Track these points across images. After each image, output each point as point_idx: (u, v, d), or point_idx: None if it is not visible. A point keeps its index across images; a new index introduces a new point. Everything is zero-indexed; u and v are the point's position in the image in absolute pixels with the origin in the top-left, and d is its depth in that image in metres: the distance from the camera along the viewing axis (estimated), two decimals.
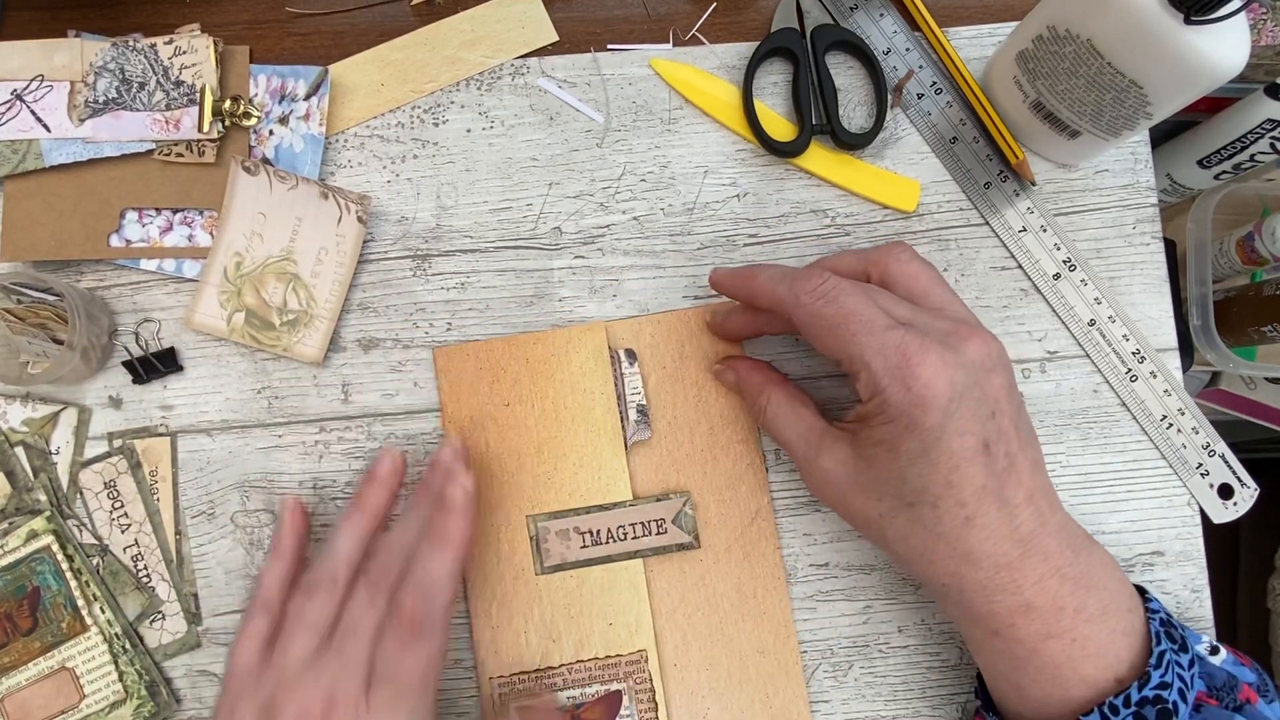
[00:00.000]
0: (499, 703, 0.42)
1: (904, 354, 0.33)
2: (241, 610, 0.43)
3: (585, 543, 0.43)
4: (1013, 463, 0.34)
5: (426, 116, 0.46)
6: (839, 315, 0.34)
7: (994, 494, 0.33)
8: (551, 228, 0.46)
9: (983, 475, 0.33)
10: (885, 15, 0.47)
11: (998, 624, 0.34)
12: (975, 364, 0.33)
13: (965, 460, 0.33)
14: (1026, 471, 0.34)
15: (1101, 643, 0.34)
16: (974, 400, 0.33)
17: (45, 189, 0.44)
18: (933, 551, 0.35)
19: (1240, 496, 0.45)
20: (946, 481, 0.33)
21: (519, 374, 0.44)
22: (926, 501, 0.34)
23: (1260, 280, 0.57)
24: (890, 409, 0.33)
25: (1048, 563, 0.34)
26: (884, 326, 0.34)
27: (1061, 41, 0.40)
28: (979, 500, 0.33)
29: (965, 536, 0.34)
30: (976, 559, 0.34)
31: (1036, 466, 0.35)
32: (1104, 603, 0.35)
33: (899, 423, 0.33)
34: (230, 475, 0.44)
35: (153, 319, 0.45)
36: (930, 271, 0.38)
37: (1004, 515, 0.34)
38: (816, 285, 0.35)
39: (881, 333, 0.34)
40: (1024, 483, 0.34)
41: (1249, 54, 0.36)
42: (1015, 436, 0.34)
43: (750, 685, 0.43)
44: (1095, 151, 0.45)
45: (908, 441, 0.33)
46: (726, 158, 0.47)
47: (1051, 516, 0.35)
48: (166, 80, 0.44)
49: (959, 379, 0.33)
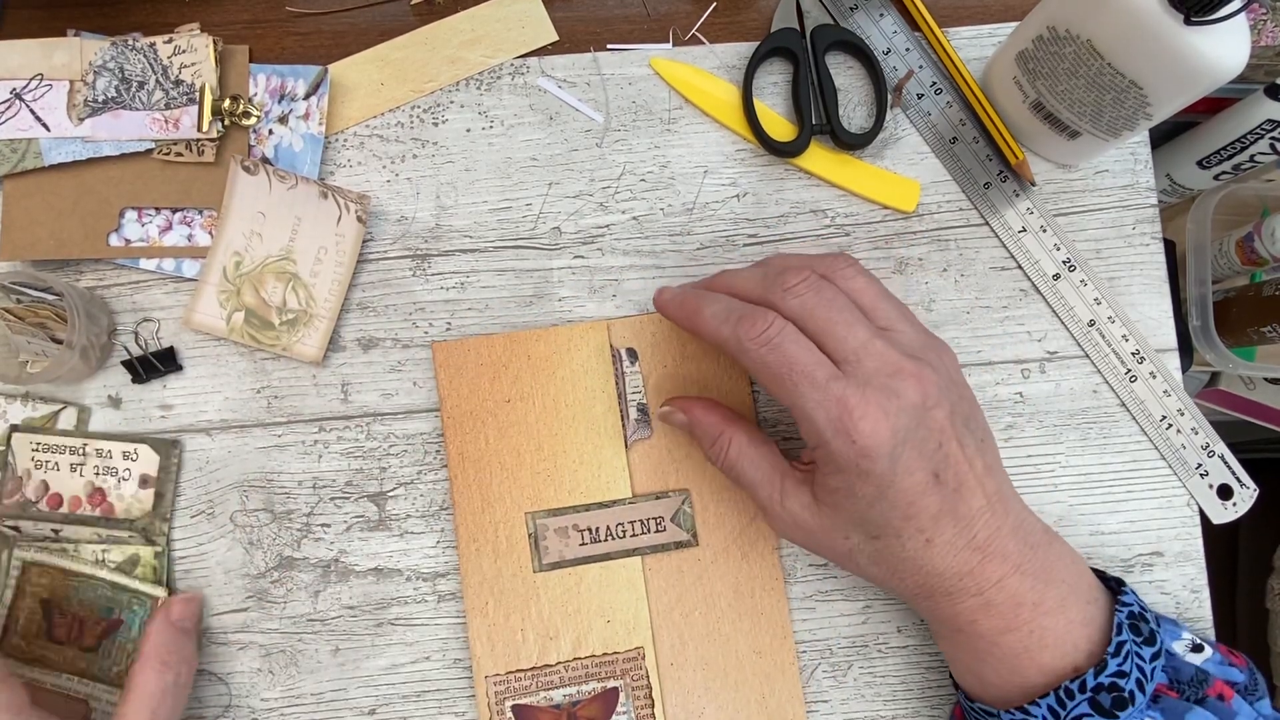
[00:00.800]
0: (495, 700, 0.42)
1: (845, 407, 0.34)
2: (243, 610, 0.43)
3: (584, 540, 0.43)
4: (963, 481, 0.35)
5: (426, 116, 0.46)
6: (781, 364, 0.35)
7: (949, 514, 0.35)
8: (551, 227, 0.46)
9: (937, 502, 0.35)
10: (885, 15, 0.47)
11: (960, 622, 0.36)
12: (915, 406, 0.34)
13: (919, 494, 0.34)
14: (979, 481, 0.36)
15: (1059, 633, 0.36)
16: (918, 440, 0.34)
17: (45, 188, 0.44)
18: (901, 572, 0.36)
19: (1239, 497, 0.45)
20: (904, 515, 0.35)
21: (520, 370, 0.44)
22: (889, 534, 0.35)
23: (1260, 281, 0.57)
24: (837, 460, 0.34)
25: (1007, 563, 0.36)
26: (826, 378, 0.34)
27: (1061, 42, 0.40)
28: (936, 524, 0.35)
29: (928, 556, 0.35)
30: (940, 572, 0.36)
31: (990, 470, 0.36)
32: (1062, 595, 0.36)
33: (849, 473, 0.34)
34: (230, 475, 0.44)
35: (152, 318, 0.45)
36: (875, 287, 0.38)
37: (961, 529, 0.35)
38: (761, 330, 0.35)
39: (823, 386, 0.34)
40: (977, 494, 0.35)
41: (1249, 55, 0.36)
42: (963, 456, 0.35)
43: (746, 685, 0.43)
44: (1095, 152, 0.45)
45: (862, 488, 0.35)
46: (726, 158, 0.47)
47: (1007, 518, 0.36)
48: (166, 79, 0.44)
49: (901, 424, 0.34)
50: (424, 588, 0.44)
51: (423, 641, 0.43)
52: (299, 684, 0.43)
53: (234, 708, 0.43)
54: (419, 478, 0.44)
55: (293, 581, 0.44)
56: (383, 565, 0.44)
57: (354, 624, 0.43)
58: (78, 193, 0.44)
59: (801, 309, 0.36)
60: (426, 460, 0.44)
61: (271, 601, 0.43)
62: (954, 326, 0.46)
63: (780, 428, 0.45)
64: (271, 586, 0.44)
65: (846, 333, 0.35)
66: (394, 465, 0.44)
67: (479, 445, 0.44)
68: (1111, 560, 0.45)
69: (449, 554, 0.44)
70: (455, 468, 0.43)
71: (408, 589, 0.44)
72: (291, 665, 0.43)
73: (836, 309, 0.36)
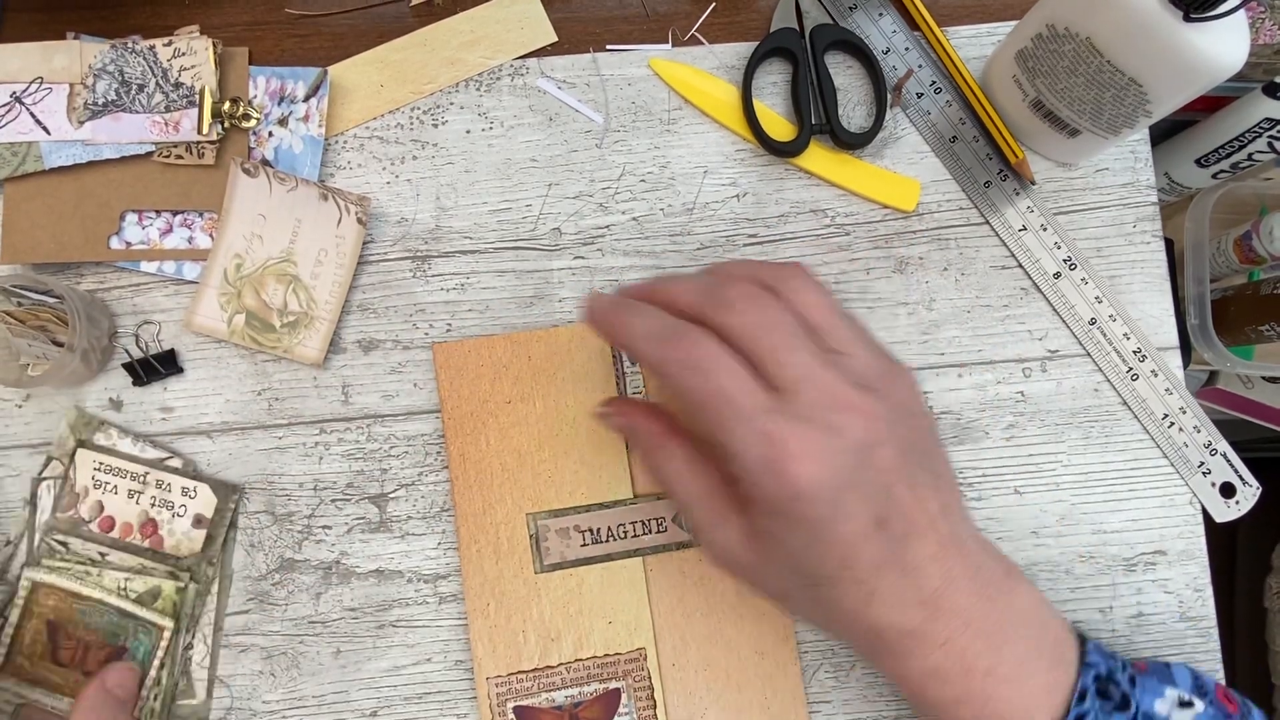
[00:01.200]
0: (497, 702, 0.42)
1: (778, 445, 0.30)
2: (244, 612, 0.43)
3: (585, 541, 0.43)
4: (912, 526, 0.32)
5: (426, 117, 0.46)
6: (708, 392, 0.31)
7: (893, 564, 0.31)
8: (551, 228, 0.46)
9: (879, 552, 0.31)
10: (884, 15, 0.47)
11: (911, 687, 0.33)
12: (859, 444, 0.31)
13: (858, 542, 0.31)
14: (931, 524, 0.32)
15: (1015, 704, 0.32)
16: (861, 483, 0.31)
17: (45, 191, 0.44)
18: (839, 624, 0.33)
19: (1242, 495, 0.45)
20: (841, 563, 0.31)
21: (520, 372, 0.44)
22: (825, 583, 0.32)
23: (1258, 279, 0.57)
24: (769, 503, 0.31)
25: (957, 619, 0.32)
26: (756, 410, 0.30)
27: (1061, 40, 0.40)
28: (877, 576, 0.31)
29: (868, 612, 0.32)
30: (882, 630, 0.32)
31: (945, 511, 0.33)
32: (1019, 658, 0.32)
33: (781, 518, 0.31)
34: (230, 477, 0.44)
35: (153, 321, 0.45)
36: (827, 302, 0.34)
37: (907, 582, 0.32)
38: (688, 352, 0.31)
39: (752, 419, 0.30)
40: (928, 539, 0.32)
41: (1248, 52, 0.36)
42: (913, 498, 0.32)
43: (749, 686, 0.43)
44: (1095, 150, 0.45)
45: (794, 533, 0.31)
46: (726, 158, 0.47)
47: (963, 562, 0.32)
48: (166, 82, 0.44)
49: (842, 465, 0.30)
50: (425, 589, 0.44)
51: (424, 643, 0.43)
52: (300, 686, 0.43)
53: (235, 710, 0.43)
54: (420, 479, 0.44)
55: (294, 583, 0.43)
56: (384, 567, 0.44)
57: (355, 626, 0.43)
58: (78, 196, 0.44)
59: (741, 328, 0.32)
60: (427, 462, 0.44)
61: (273, 604, 0.43)
62: (954, 325, 0.46)
63: None
64: (273, 589, 0.43)
65: (787, 358, 0.31)
66: (395, 467, 0.44)
67: (480, 446, 0.44)
68: (1114, 559, 0.45)
69: (450, 555, 0.44)
70: (456, 469, 0.43)
71: (409, 591, 0.44)
72: (293, 667, 0.43)
73: (779, 330, 0.32)
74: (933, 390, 0.45)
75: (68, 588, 0.42)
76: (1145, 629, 0.45)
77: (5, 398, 0.44)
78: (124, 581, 0.42)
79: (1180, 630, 0.45)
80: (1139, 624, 0.45)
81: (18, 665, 0.41)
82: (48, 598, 0.42)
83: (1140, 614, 0.45)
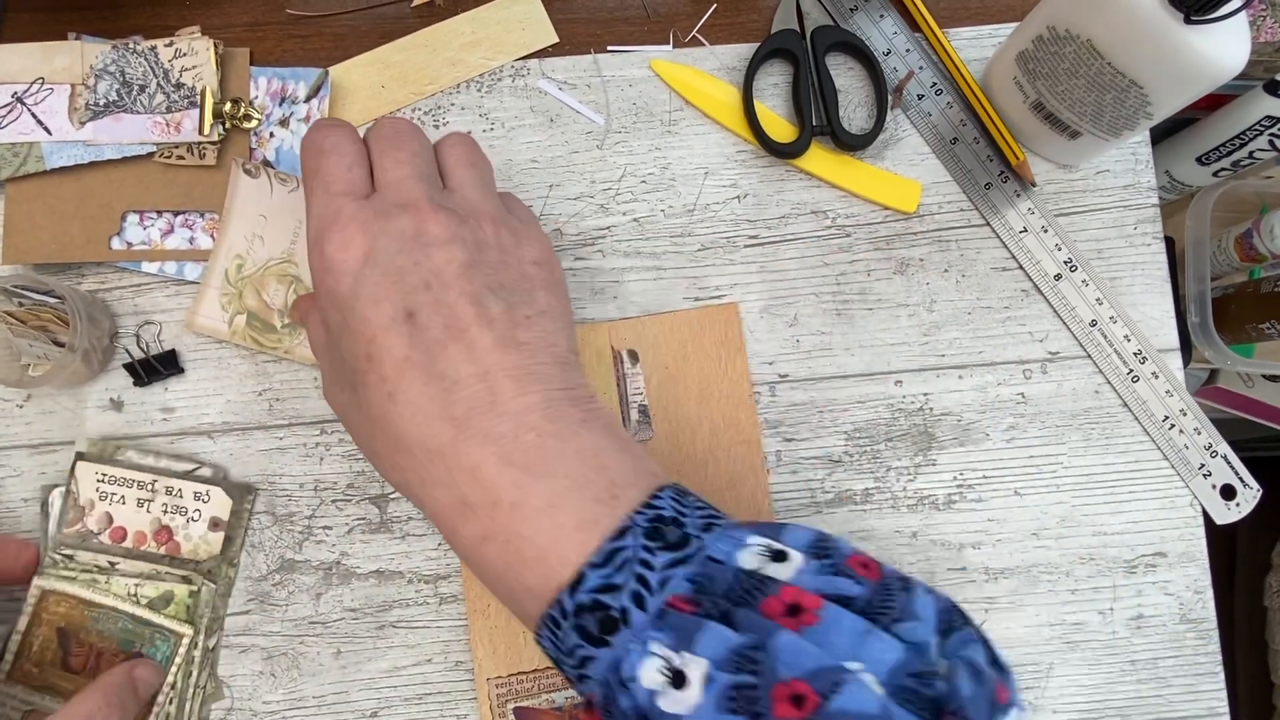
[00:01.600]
0: (497, 703, 0.42)
1: (333, 218, 0.31)
2: (245, 612, 0.43)
3: None
4: (455, 337, 0.30)
5: (427, 118, 0.46)
6: (310, 170, 0.33)
7: (421, 367, 0.29)
8: (552, 229, 0.46)
9: (404, 346, 0.30)
10: (885, 16, 0.47)
11: (445, 527, 0.30)
12: (408, 235, 0.31)
13: (381, 330, 0.30)
14: (484, 346, 0.30)
15: (541, 544, 0.28)
16: (397, 269, 0.30)
17: (46, 192, 0.44)
18: (375, 441, 0.31)
19: (1243, 497, 0.45)
20: (366, 354, 0.30)
21: None
22: (357, 380, 0.31)
23: (1258, 277, 0.57)
24: (315, 280, 0.32)
25: (488, 446, 0.29)
26: (340, 192, 0.32)
27: (1061, 42, 0.40)
28: (400, 374, 0.30)
29: (389, 416, 0.30)
30: (408, 444, 0.30)
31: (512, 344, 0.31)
32: (555, 491, 0.28)
33: (320, 294, 0.31)
34: (231, 477, 0.44)
35: (154, 321, 0.45)
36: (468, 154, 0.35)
37: (435, 391, 0.29)
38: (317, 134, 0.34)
39: (331, 197, 0.32)
40: (474, 357, 0.30)
41: (1249, 54, 0.36)
42: (472, 313, 0.30)
43: None
44: (1096, 152, 0.45)
45: (331, 314, 0.31)
46: (727, 159, 0.47)
47: (519, 397, 0.30)
48: (167, 83, 0.44)
49: (381, 246, 0.30)
50: (426, 590, 0.44)
51: (424, 644, 0.43)
52: (301, 687, 0.43)
53: (236, 710, 0.43)
54: None
55: (294, 584, 0.44)
56: (384, 568, 0.44)
57: (356, 626, 0.43)
58: (79, 196, 0.44)
59: (373, 135, 0.34)
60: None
61: (273, 604, 0.43)
62: (955, 327, 0.46)
63: (783, 429, 0.45)
64: (273, 589, 0.44)
65: (393, 166, 0.33)
66: None
67: None
68: (1114, 561, 0.45)
69: (450, 556, 0.44)
70: None
71: (409, 591, 0.44)
72: (293, 668, 0.43)
73: (401, 145, 0.33)
74: (933, 392, 0.45)
75: (78, 595, 0.41)
76: (1145, 631, 0.45)
77: (6, 398, 0.44)
78: (134, 587, 0.42)
79: (1180, 632, 0.45)
80: (1139, 626, 0.45)
81: (26, 672, 0.41)
82: (58, 605, 0.42)
83: (1140, 616, 0.45)
